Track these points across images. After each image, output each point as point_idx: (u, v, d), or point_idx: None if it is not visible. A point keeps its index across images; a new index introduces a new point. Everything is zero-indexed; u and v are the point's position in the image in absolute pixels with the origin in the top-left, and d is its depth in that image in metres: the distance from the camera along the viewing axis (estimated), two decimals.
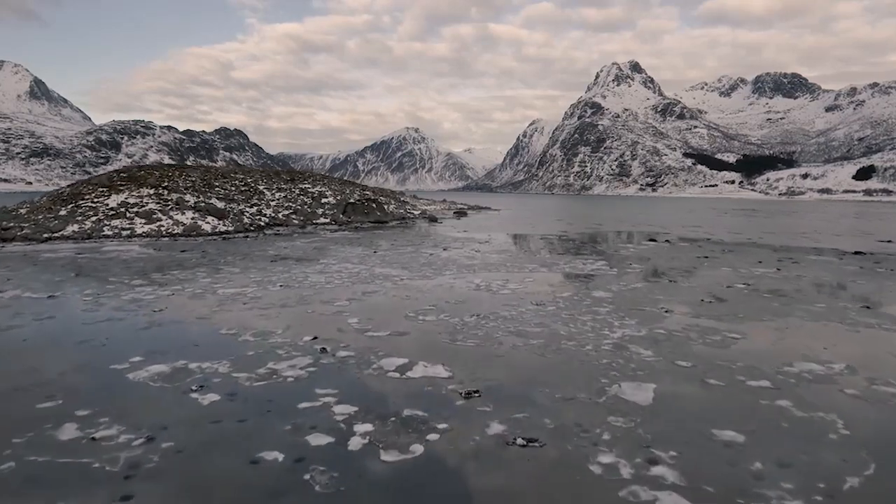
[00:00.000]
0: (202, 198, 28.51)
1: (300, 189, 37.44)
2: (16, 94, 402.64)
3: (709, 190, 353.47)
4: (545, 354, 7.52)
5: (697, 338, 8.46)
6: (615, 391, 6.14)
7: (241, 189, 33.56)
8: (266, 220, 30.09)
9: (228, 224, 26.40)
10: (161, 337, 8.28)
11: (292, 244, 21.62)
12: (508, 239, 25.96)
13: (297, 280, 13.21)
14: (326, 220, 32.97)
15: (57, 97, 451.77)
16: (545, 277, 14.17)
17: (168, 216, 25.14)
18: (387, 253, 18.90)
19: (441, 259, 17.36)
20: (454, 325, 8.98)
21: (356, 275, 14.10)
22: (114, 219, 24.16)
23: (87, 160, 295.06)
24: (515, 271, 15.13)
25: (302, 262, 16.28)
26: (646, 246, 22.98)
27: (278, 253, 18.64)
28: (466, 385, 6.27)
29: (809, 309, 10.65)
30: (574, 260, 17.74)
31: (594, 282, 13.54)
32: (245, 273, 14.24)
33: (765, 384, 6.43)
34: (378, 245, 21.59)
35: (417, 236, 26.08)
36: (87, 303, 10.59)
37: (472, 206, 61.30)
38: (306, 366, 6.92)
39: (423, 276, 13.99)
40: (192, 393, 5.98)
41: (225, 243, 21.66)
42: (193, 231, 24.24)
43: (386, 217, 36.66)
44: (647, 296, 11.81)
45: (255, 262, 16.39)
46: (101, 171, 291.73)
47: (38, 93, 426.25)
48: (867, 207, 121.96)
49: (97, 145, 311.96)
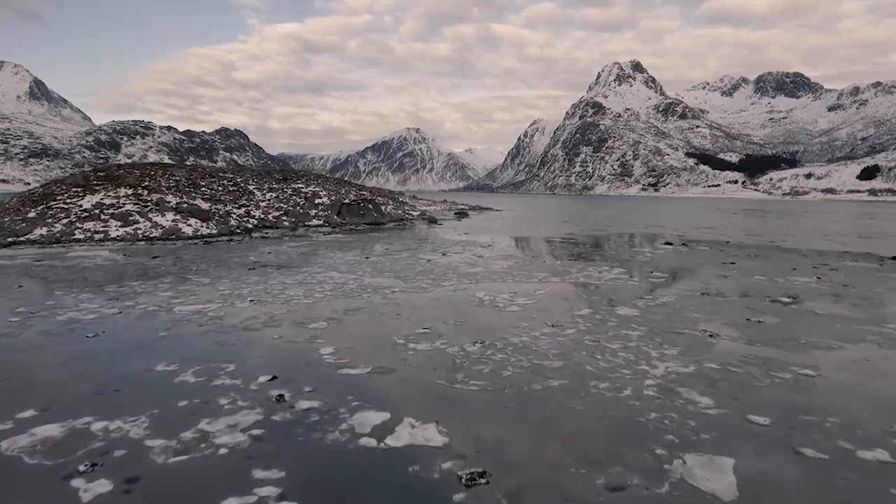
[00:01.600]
0: (185, 198, 26.72)
1: (293, 189, 35.66)
2: (15, 95, 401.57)
3: (711, 190, 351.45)
4: (572, 404, 5.72)
5: (762, 375, 6.64)
6: (679, 471, 4.33)
7: (230, 189, 31.78)
8: (255, 221, 28.30)
9: (212, 226, 24.61)
10: (76, 377, 6.48)
11: (278, 249, 19.82)
12: (512, 242, 24.16)
13: (271, 293, 11.41)
14: (319, 221, 31.17)
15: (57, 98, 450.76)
16: (558, 289, 12.37)
17: (146, 218, 23.35)
18: (380, 259, 17.11)
19: (440, 266, 15.56)
20: (452, 358, 7.18)
21: (341, 286, 12.31)
22: (87, 221, 22.38)
23: (87, 160, 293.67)
24: (523, 281, 13.33)
25: (283, 271, 14.48)
26: (662, 250, 21.16)
27: (259, 259, 16.84)
28: (469, 461, 4.46)
29: (882, 331, 8.83)
30: (587, 267, 15.92)
31: (615, 295, 11.73)
32: (214, 284, 12.45)
33: (884, 456, 4.62)
34: (371, 249, 19.81)
35: (415, 239, 24.29)
36: (12, 325, 8.80)
37: (474, 207, 59.50)
38: (251, 425, 5.12)
39: (418, 288, 12.19)
40: (74, 478, 4.17)
41: (204, 248, 19.88)
42: (173, 234, 22.45)
43: (383, 218, 34.86)
44: (681, 313, 10.00)
45: (230, 270, 14.59)
46: None
47: (37, 93, 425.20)
48: (875, 208, 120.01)
49: (96, 146, 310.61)
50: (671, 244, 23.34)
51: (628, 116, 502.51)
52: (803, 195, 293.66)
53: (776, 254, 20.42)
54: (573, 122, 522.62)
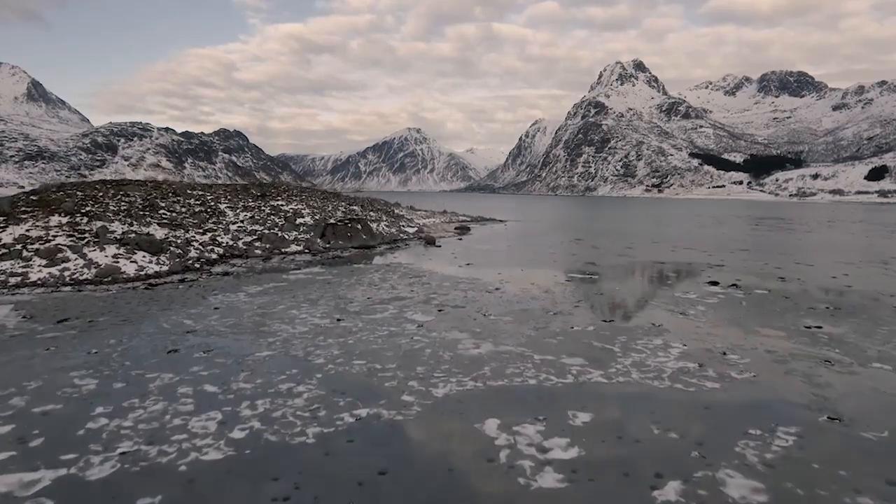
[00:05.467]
0: (136, 225, 22.61)
1: (272, 207, 31.59)
2: (13, 96, 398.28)
3: (717, 191, 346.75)
4: None
5: None
6: None
7: (196, 210, 27.68)
8: (221, 250, 24.18)
9: (164, 261, 20.51)
10: None
11: (231, 300, 15.70)
12: (525, 282, 20.01)
13: (165, 430, 7.29)
14: (299, 246, 27.04)
15: (55, 99, 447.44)
16: (608, 417, 8.22)
17: (80, 254, 19.26)
18: (354, 323, 13.00)
19: (431, 342, 11.45)
20: None
21: (280, 407, 8.19)
22: (4, 260, 18.30)
23: (83, 163, 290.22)
24: (551, 374, 9.20)
25: (211, 360, 10.36)
26: (714, 298, 17.00)
27: (195, 326, 12.70)
28: None
29: None
30: (632, 342, 11.78)
31: (703, 428, 7.59)
32: (85, 408, 8.34)
33: None
34: (349, 301, 15.70)
35: (407, 276, 20.17)
36: None
37: (475, 218, 55.45)
38: None
39: (382, 422, 8.04)
40: None
41: (139, 297, 15.76)
42: (109, 275, 18.35)
43: (373, 240, 30.74)
44: (828, 479, 5.87)
45: (138, 360, 10.46)
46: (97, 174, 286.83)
47: (35, 95, 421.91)
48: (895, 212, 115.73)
49: (93, 147, 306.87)
50: (717, 284, 19.19)
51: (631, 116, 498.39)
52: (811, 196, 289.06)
53: (859, 305, 16.21)
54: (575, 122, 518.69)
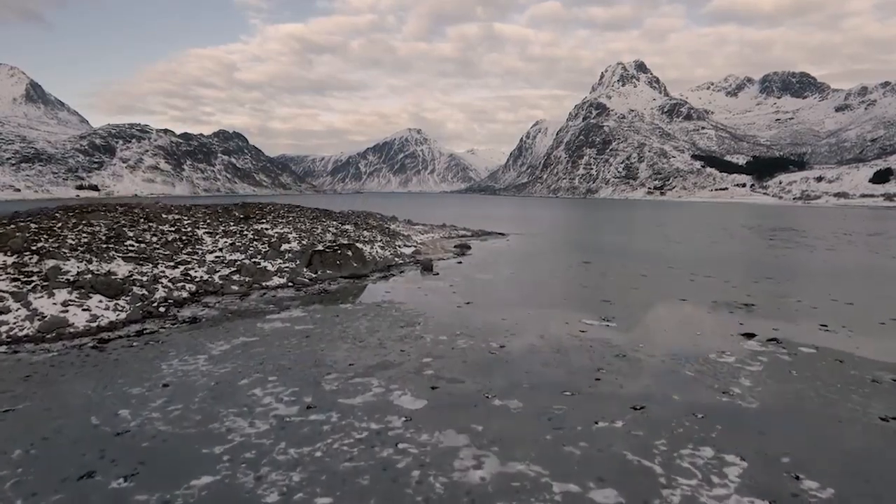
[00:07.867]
0: (96, 263, 20.16)
1: (255, 232, 29.12)
2: (11, 98, 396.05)
3: (720, 193, 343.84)
4: None
5: None
6: None
7: (169, 239, 25.22)
8: (193, 287, 21.71)
9: (123, 306, 18.07)
10: None
11: (186, 369, 13.22)
12: (533, 334, 17.51)
13: None
14: (282, 279, 24.54)
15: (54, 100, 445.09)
16: None
17: (24, 303, 16.81)
18: (324, 417, 10.53)
19: (417, 463, 8.98)
20: None
21: None
22: None
23: (80, 165, 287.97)
24: None
25: (125, 494, 7.90)
26: (752, 357, 14.51)
27: (128, 421, 10.23)
28: None
29: None
30: (674, 455, 9.31)
31: None
32: None
33: None
34: (327, 369, 13.24)
35: (396, 328, 17.71)
36: None
37: (476, 232, 52.92)
38: None
39: None
40: None
41: (77, 365, 13.29)
42: (53, 330, 15.89)
43: (365, 268, 28.26)
44: None
45: (33, 481, 7.99)
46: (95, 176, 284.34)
47: (34, 96, 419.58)
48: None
49: (91, 150, 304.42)
50: (754, 337, 16.73)
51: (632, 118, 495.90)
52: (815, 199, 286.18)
53: None
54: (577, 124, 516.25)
